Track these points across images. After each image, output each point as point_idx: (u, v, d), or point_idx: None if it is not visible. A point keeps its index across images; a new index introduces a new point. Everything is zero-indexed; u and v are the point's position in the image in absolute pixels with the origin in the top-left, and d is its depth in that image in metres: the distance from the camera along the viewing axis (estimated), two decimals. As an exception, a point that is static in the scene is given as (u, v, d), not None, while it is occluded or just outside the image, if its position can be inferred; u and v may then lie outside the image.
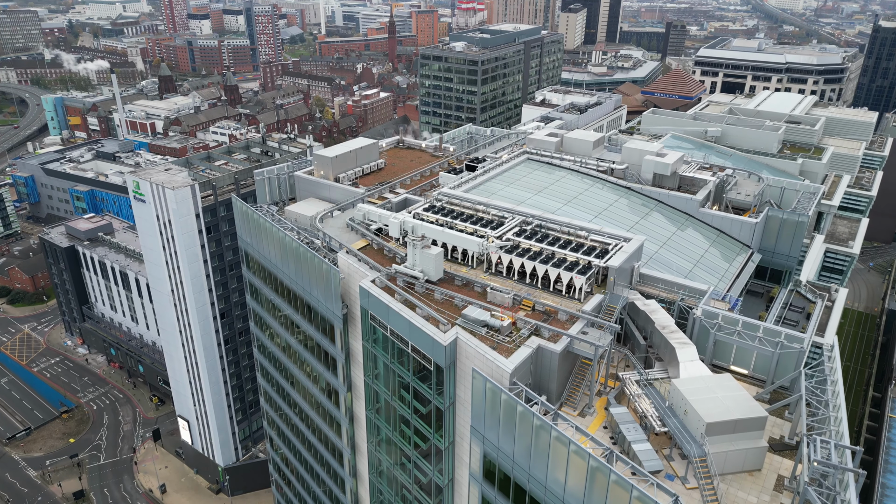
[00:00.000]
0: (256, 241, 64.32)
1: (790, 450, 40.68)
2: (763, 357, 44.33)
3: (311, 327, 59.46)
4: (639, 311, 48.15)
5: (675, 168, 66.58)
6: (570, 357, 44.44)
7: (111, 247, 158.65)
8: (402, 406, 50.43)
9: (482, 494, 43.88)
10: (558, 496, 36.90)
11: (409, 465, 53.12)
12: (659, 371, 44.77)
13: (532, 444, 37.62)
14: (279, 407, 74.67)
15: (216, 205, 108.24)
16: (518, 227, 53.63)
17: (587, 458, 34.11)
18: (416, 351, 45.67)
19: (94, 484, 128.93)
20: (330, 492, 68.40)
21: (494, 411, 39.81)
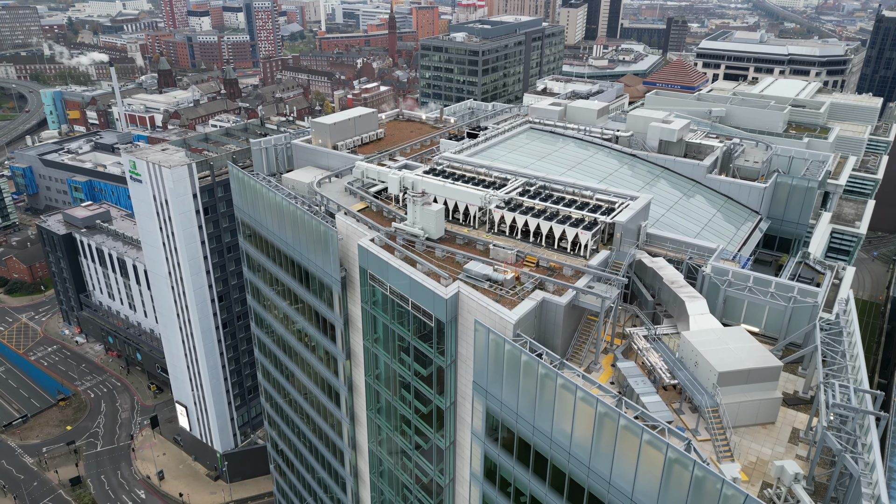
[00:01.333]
0: (253, 208, 62.88)
1: (804, 404, 39.21)
2: (775, 312, 42.84)
3: (309, 294, 58.02)
4: (646, 268, 46.69)
5: (682, 135, 65.09)
6: (576, 312, 42.97)
7: (109, 234, 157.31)
8: (403, 368, 48.96)
9: (485, 454, 42.40)
10: (564, 447, 35.42)
11: (409, 432, 51.63)
12: (668, 326, 43.31)
13: (537, 395, 36.14)
14: (277, 382, 73.22)
15: (214, 185, 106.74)
16: (521, 188, 52.16)
17: (595, 404, 32.62)
18: (417, 308, 44.19)
19: (91, 471, 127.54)
20: (329, 466, 66.93)
21: (498, 364, 38.34)
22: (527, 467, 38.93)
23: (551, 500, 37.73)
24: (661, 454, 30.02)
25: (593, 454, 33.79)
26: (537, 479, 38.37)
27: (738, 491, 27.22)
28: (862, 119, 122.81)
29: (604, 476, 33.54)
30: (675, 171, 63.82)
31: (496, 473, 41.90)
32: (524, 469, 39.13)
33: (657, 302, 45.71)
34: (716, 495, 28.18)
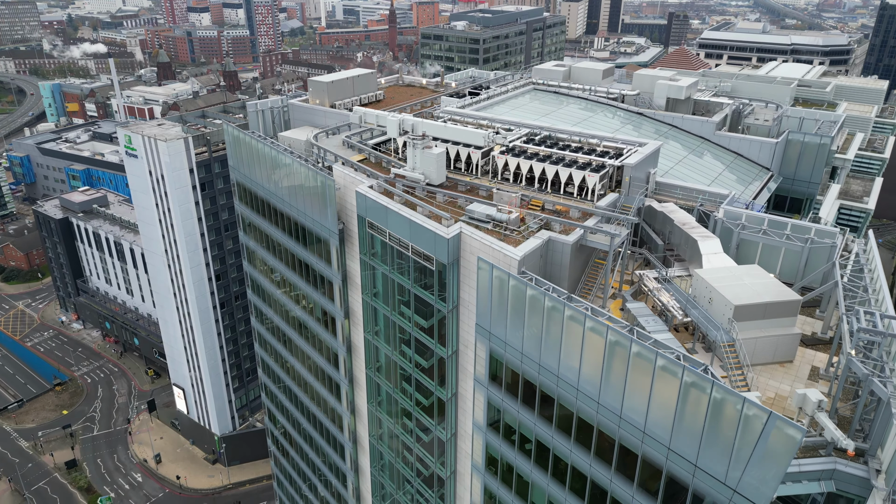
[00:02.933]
0: (248, 167, 61.09)
1: (824, 344, 37.44)
2: (792, 254, 41.06)
3: (307, 252, 56.23)
4: (656, 213, 44.93)
5: (690, 93, 63.34)
6: (583, 254, 41.21)
7: (106, 218, 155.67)
8: (403, 321, 47.19)
9: (488, 402, 40.61)
10: (572, 384, 33.63)
11: (410, 389, 49.86)
12: (679, 269, 41.51)
13: (543, 330, 34.35)
14: (275, 350, 71.43)
15: (211, 160, 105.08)
16: (526, 136, 50.40)
17: (605, 332, 30.83)
18: (418, 253, 42.39)
19: (87, 454, 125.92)
20: (328, 433, 65.11)
21: (502, 302, 36.56)
22: (532, 410, 37.16)
23: (558, 442, 35.96)
24: (677, 379, 28.24)
25: (603, 388, 32.01)
26: (543, 421, 36.60)
27: (760, 409, 25.43)
28: (868, 100, 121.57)
29: (614, 410, 31.76)
30: (682, 128, 62.04)
31: (500, 421, 40.14)
32: (529, 412, 37.35)
33: (668, 246, 43.92)
34: (736, 417, 26.38)
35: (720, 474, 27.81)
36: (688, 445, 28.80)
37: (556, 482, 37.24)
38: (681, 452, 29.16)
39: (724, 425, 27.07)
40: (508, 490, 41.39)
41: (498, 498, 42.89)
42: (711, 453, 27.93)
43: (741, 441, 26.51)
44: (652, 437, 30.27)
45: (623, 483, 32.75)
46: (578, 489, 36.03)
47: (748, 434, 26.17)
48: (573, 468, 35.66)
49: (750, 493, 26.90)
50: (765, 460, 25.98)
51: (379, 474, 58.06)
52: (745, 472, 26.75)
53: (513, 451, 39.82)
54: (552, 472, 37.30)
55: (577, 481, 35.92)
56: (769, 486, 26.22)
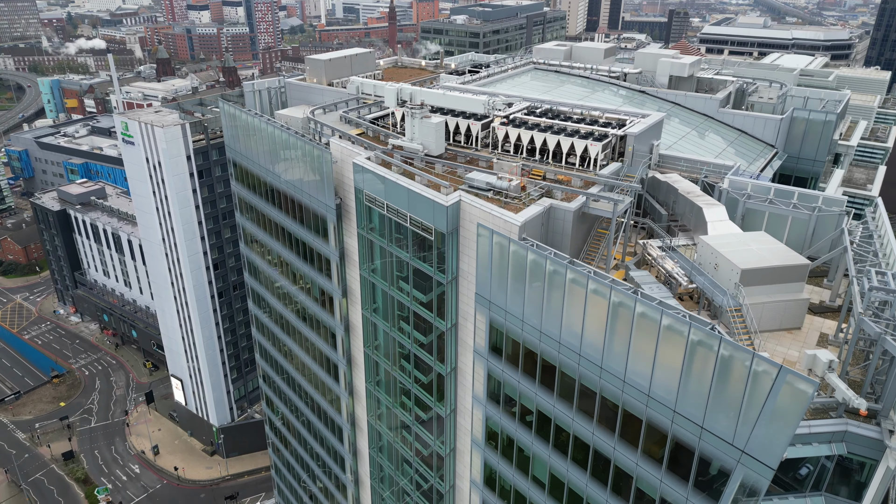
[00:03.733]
0: (244, 144, 60.18)
1: (832, 312, 36.53)
2: (799, 223, 40.13)
3: (304, 230, 55.32)
4: (659, 183, 44.04)
5: (693, 70, 62.43)
6: (585, 224, 40.33)
7: (104, 210, 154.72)
8: (402, 295, 46.26)
9: (488, 373, 39.71)
10: (574, 349, 32.72)
11: (408, 367, 48.94)
12: (684, 239, 40.59)
13: (545, 296, 33.46)
14: (272, 334, 70.52)
15: (208, 148, 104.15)
16: (526, 109, 49.50)
17: (608, 293, 29.93)
18: (416, 224, 41.47)
19: (85, 446, 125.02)
20: (326, 416, 64.21)
21: (502, 268, 35.66)
22: (533, 380, 36.26)
23: (560, 412, 35.06)
24: (683, 338, 27.33)
25: (606, 352, 31.10)
26: (544, 390, 35.69)
27: (770, 364, 24.52)
28: (871, 90, 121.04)
29: (618, 374, 30.84)
30: (685, 106, 61.12)
31: (500, 393, 39.24)
32: (530, 382, 36.45)
33: (672, 216, 43.00)
34: (744, 374, 25.46)
35: (728, 435, 26.91)
36: (694, 407, 27.90)
37: (557, 454, 36.35)
38: (687, 415, 28.25)
39: (733, 383, 26.16)
40: (509, 464, 40.50)
41: (498, 473, 42.01)
42: (719, 414, 27.03)
43: (750, 399, 25.61)
44: (657, 401, 29.37)
45: (627, 450, 31.85)
46: (581, 460, 35.14)
47: (757, 391, 25.27)
48: (575, 438, 34.77)
49: (759, 454, 26.00)
50: (775, 418, 25.08)
51: (378, 456, 57.15)
52: (753, 431, 25.85)
53: (513, 424, 38.92)
54: (554, 444, 36.42)
55: (580, 451, 35.03)
56: (779, 445, 25.32)
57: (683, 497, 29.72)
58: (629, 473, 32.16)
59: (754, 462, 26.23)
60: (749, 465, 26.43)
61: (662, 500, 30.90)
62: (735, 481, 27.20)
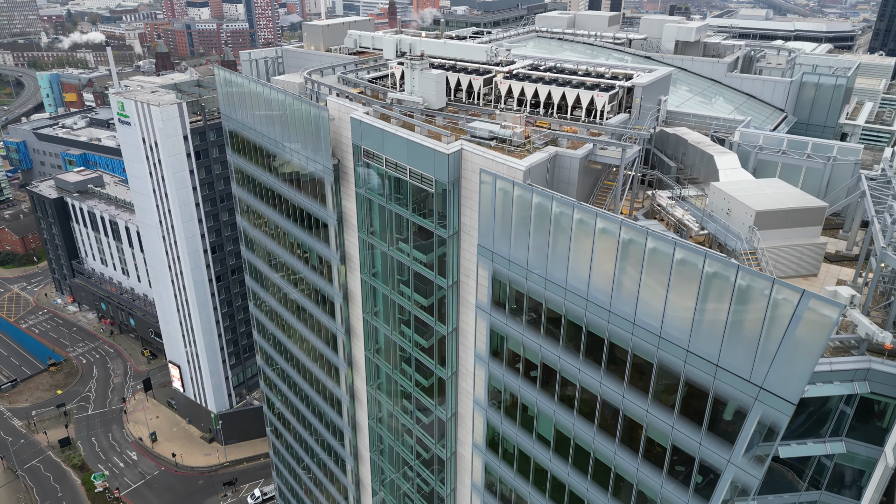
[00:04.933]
0: (240, 111, 58.77)
1: (849, 260, 35.13)
2: (813, 173, 38.77)
3: (300, 194, 53.93)
4: (668, 136, 42.65)
5: (700, 35, 61.02)
6: (591, 175, 38.94)
7: (101, 198, 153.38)
8: (402, 256, 44.84)
9: (490, 328, 38.30)
10: (581, 295, 31.31)
11: (408, 332, 47.54)
12: (694, 190, 39.17)
13: (550, 240, 32.05)
14: (270, 309, 69.11)
15: (206, 129, 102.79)
16: (530, 65, 48.08)
17: (618, 230, 28.52)
18: (416, 176, 40.03)
19: (82, 433, 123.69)
20: (324, 388, 62.82)
21: (506, 215, 34.25)
22: (537, 331, 34.85)
23: (566, 362, 33.64)
24: (697, 271, 25.93)
25: (615, 294, 29.69)
26: (549, 341, 34.28)
27: (791, 289, 23.11)
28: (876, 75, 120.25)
29: (627, 317, 29.44)
30: (692, 71, 59.69)
31: (503, 348, 37.83)
32: (534, 334, 35.04)
33: (681, 169, 41.59)
34: (763, 303, 24.05)
35: (745, 371, 25.51)
36: (709, 344, 26.50)
37: (563, 408, 34.95)
38: (701, 353, 26.86)
39: (750, 315, 24.76)
40: (512, 423, 39.11)
41: (502, 434, 40.62)
42: (735, 349, 25.64)
43: (769, 330, 24.20)
44: (669, 341, 27.97)
45: (636, 398, 30.44)
46: (588, 412, 33.74)
47: (777, 321, 23.86)
48: (582, 389, 33.37)
49: (778, 389, 24.60)
50: (796, 349, 23.67)
51: (377, 427, 55.73)
52: (772, 365, 24.45)
53: (517, 380, 37.51)
54: (559, 397, 35.00)
55: (587, 404, 33.62)
56: (800, 378, 23.92)
57: (696, 442, 28.33)
58: (639, 422, 30.78)
59: (773, 398, 24.84)
60: (768, 401, 25.04)
61: (674, 447, 29.53)
62: (752, 421, 25.81)
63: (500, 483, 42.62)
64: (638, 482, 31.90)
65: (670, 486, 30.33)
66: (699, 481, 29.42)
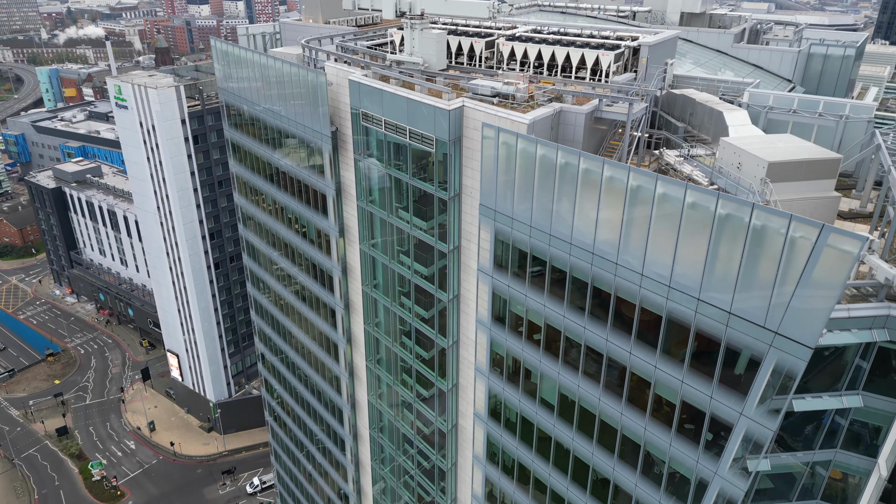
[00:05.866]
0: (237, 82, 57.70)
1: (863, 217, 34.03)
2: (825, 131, 37.70)
3: (298, 166, 52.87)
4: (675, 98, 41.59)
5: (706, 7, 59.88)
6: (596, 136, 37.82)
7: (99, 188, 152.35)
8: (402, 223, 43.77)
9: (492, 291, 37.21)
10: (587, 248, 30.22)
11: (408, 303, 46.47)
12: (702, 150, 38.06)
13: (555, 193, 30.98)
14: (267, 287, 68.06)
15: (203, 112, 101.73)
16: (532, 30, 47.01)
17: (625, 177, 27.45)
18: (416, 136, 38.94)
19: (79, 423, 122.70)
20: (323, 366, 61.78)
21: (509, 170, 33.17)
22: (541, 291, 33.75)
23: (571, 321, 32.55)
24: (710, 213, 24.87)
25: (623, 245, 28.61)
26: (554, 301, 33.18)
27: (810, 225, 22.02)
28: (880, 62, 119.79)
29: (635, 269, 28.35)
30: (698, 42, 58.57)
31: (506, 312, 36.73)
32: (538, 294, 33.94)
33: (689, 128, 40.49)
34: (780, 242, 22.97)
35: (759, 317, 24.42)
36: (721, 291, 25.42)
37: (568, 369, 33.86)
38: (713, 301, 25.78)
39: (766, 256, 23.66)
40: (515, 389, 38.02)
41: (504, 402, 39.54)
42: (749, 294, 24.55)
43: (785, 271, 23.12)
44: (679, 291, 26.89)
45: (644, 353, 29.35)
46: (593, 373, 32.66)
47: (794, 261, 22.79)
48: (588, 348, 32.28)
49: (795, 333, 23.52)
50: (814, 289, 22.59)
51: (377, 403, 54.65)
52: (789, 308, 23.37)
53: (520, 344, 36.43)
54: (563, 358, 33.92)
55: (592, 363, 32.54)
56: (818, 319, 22.84)
57: (707, 396, 27.25)
58: (646, 379, 29.69)
59: (789, 344, 23.76)
60: (783, 347, 23.97)
61: (684, 403, 28.45)
62: (766, 370, 24.74)
63: (502, 454, 41.56)
64: (646, 442, 30.83)
65: (679, 445, 29.27)
66: (710, 438, 28.36)
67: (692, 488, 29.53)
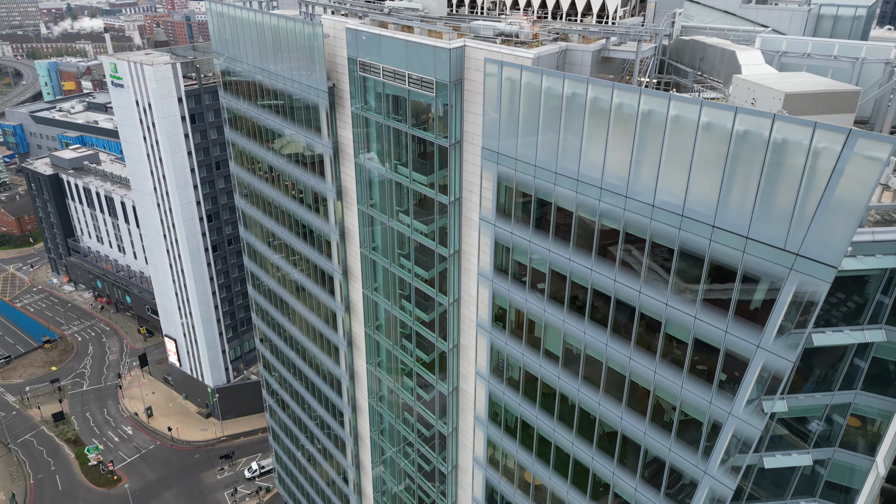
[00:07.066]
0: (232, 44, 56.34)
1: (883, 157, 32.56)
2: (841, 76, 36.19)
3: (295, 126, 51.50)
4: (685, 44, 40.17)
5: (711, -32, 58.26)
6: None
7: (97, 175, 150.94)
8: (401, 178, 42.37)
9: (495, 240, 35.82)
10: (595, 183, 28.83)
11: (408, 264, 45.07)
12: (714, 94, 36.62)
13: (561, 127, 29.59)
14: (263, 259, 66.71)
15: (201, 91, 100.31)
16: (535, -18, 45.53)
17: (636, 101, 26.06)
18: (415, 81, 37.53)
19: (76, 408, 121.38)
20: (321, 337, 60.41)
21: (512, 108, 31.78)
22: (546, 235, 32.35)
23: (577, 264, 31.14)
24: (727, 131, 23.49)
25: (633, 175, 27.22)
26: (559, 244, 31.78)
27: (835, 131, 20.63)
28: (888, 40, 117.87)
29: (646, 200, 26.96)
30: (704, 3, 57.04)
31: (509, 259, 35.32)
32: (543, 239, 32.54)
33: (699, 73, 39.04)
34: (803, 155, 21.58)
35: (778, 239, 23.04)
36: (738, 215, 24.04)
37: (573, 316, 32.45)
38: (728, 227, 24.40)
39: (787, 171, 22.28)
40: (518, 343, 36.62)
41: (507, 357, 38.16)
42: (768, 215, 23.17)
43: (808, 185, 21.74)
44: (692, 219, 25.51)
45: (654, 291, 27.95)
46: (600, 318, 31.25)
47: (818, 173, 21.41)
48: (595, 291, 30.86)
49: (817, 253, 22.13)
50: (839, 204, 21.20)
51: (376, 371, 53.25)
52: (811, 226, 21.98)
53: (524, 293, 35.03)
54: (569, 305, 32.50)
55: (599, 309, 31.14)
56: (842, 236, 21.45)
57: (721, 331, 25.85)
58: (657, 318, 28.29)
59: (811, 265, 22.37)
60: (805, 269, 22.57)
61: (697, 340, 27.05)
62: (787, 295, 23.35)
63: (504, 412, 40.16)
64: (655, 387, 29.44)
65: (692, 387, 27.88)
66: (724, 379, 26.98)
67: (704, 432, 28.16)
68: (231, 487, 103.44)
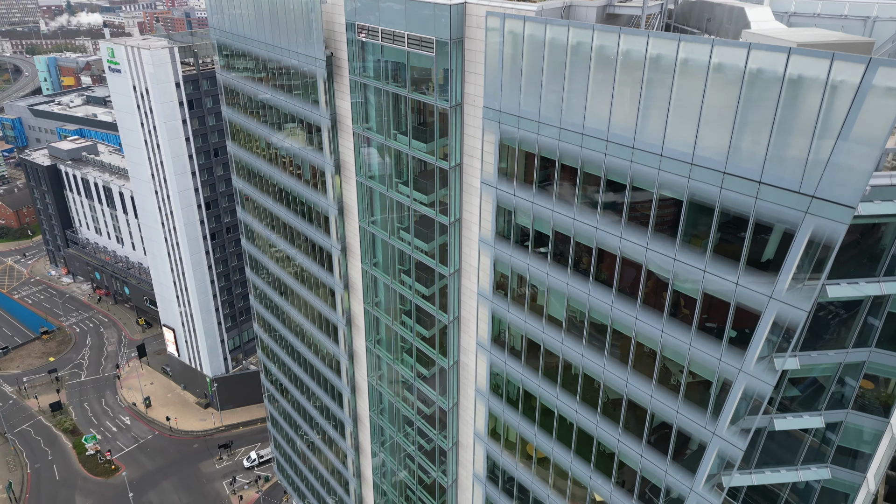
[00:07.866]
0: (228, 17, 55.45)
1: None
2: (853, 31, 35.22)
3: (291, 98, 50.59)
4: (692, 7, 39.18)
5: (716, -59, 57.31)
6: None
7: (95, 166, 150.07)
8: (401, 146, 41.44)
9: (496, 204, 34.91)
10: (601, 137, 27.89)
11: (407, 237, 44.15)
12: (719, 53, 35.64)
13: (566, 80, 28.63)
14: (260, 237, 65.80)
15: (199, 77, 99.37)
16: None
17: (644, 46, 25.12)
18: (415, 43, 36.57)
19: (74, 399, 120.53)
20: (319, 316, 59.52)
21: (515, 63, 30.84)
22: (549, 196, 31.42)
23: (581, 223, 30.20)
24: (739, 70, 22.56)
25: (640, 125, 26.28)
26: (563, 205, 30.85)
27: (854, 60, 19.69)
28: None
29: (654, 150, 26.03)
30: (709, -24, 56.05)
31: (510, 223, 34.40)
32: (546, 199, 31.62)
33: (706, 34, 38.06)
34: (819, 90, 20.65)
35: (793, 183, 22.10)
36: (750, 160, 23.10)
37: (577, 277, 31.52)
38: (740, 172, 23.46)
39: (803, 110, 21.34)
40: (521, 310, 35.69)
41: (508, 325, 37.22)
42: (782, 156, 22.24)
43: (825, 122, 20.80)
44: (702, 167, 24.57)
45: (662, 246, 27.01)
46: (605, 279, 30.31)
47: (836, 107, 20.47)
48: (600, 252, 29.93)
49: (834, 194, 21.20)
50: (857, 139, 20.27)
51: (376, 348, 52.31)
52: (828, 164, 21.05)
53: (526, 257, 34.09)
54: (573, 266, 31.57)
55: (606, 267, 30.20)
56: (861, 175, 20.52)
57: (732, 283, 24.91)
58: (664, 275, 27.35)
59: (828, 207, 21.43)
60: (821, 212, 21.64)
61: (706, 295, 26.11)
62: (801, 241, 22.40)
63: (506, 384, 39.24)
64: (663, 346, 28.50)
65: (700, 344, 26.94)
66: (734, 335, 26.05)
67: (714, 393, 27.23)
68: (230, 477, 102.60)
